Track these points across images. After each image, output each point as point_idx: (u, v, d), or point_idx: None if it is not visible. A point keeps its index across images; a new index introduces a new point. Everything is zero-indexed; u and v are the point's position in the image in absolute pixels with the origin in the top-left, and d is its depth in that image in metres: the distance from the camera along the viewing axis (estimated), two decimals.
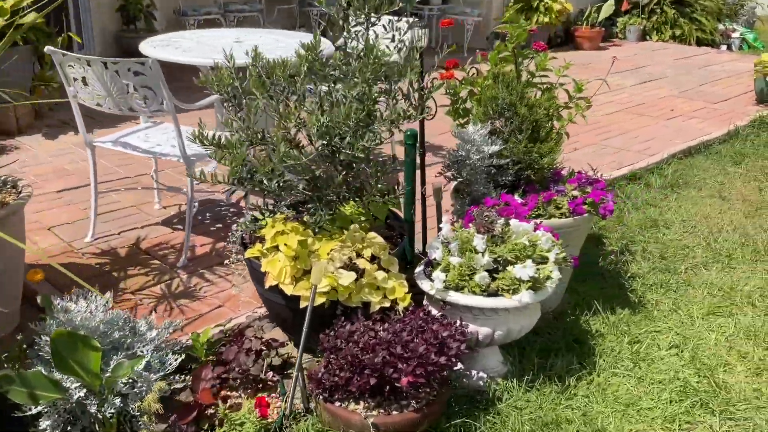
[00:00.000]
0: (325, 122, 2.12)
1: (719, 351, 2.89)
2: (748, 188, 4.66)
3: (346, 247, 2.42)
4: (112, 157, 4.48)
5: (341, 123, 2.14)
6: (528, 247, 2.46)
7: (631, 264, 3.62)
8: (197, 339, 2.51)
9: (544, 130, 2.99)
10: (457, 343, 2.24)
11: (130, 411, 2.14)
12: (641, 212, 4.23)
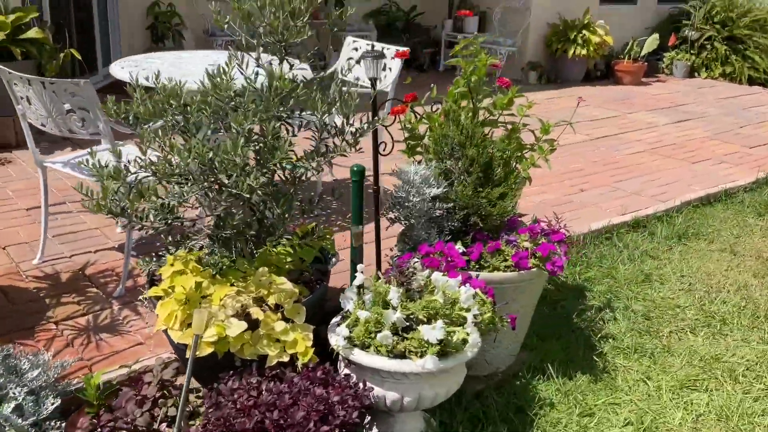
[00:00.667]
0: (199, 158, 1.94)
1: None
2: (766, 243, 4.24)
3: (244, 293, 2.22)
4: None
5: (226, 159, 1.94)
6: (444, 305, 2.20)
7: (609, 322, 3.29)
8: (89, 381, 2.34)
9: (498, 174, 2.73)
10: (346, 411, 2.00)
11: None
12: (636, 264, 3.88)
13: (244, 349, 2.18)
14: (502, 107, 2.92)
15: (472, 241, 2.72)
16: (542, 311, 3.34)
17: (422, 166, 2.67)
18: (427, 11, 10.09)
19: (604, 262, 3.91)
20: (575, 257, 3.89)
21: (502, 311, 2.41)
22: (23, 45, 4.95)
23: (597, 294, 3.56)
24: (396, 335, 2.18)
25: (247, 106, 2.03)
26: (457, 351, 2.18)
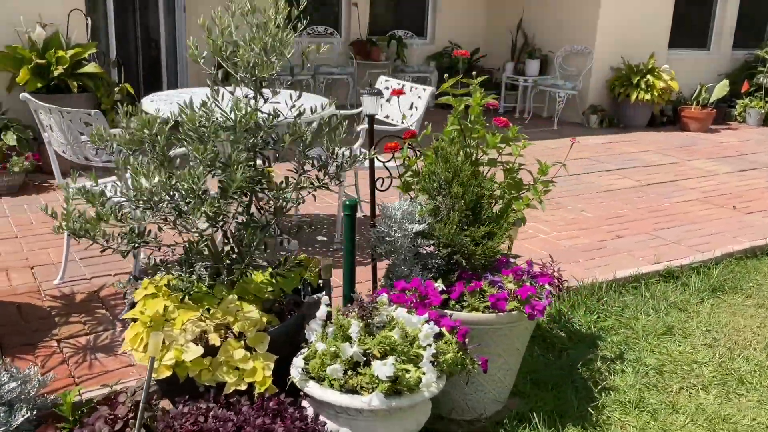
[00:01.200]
0: (161, 184, 2.00)
1: None
2: None
3: (208, 319, 2.26)
4: None
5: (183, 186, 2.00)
6: (403, 342, 2.17)
7: (616, 375, 3.14)
8: (65, 397, 2.42)
9: (487, 213, 2.69)
10: None
11: None
12: (660, 316, 3.70)
13: (202, 374, 2.21)
14: (494, 146, 2.88)
15: (457, 280, 2.67)
16: (546, 359, 3.23)
17: (406, 202, 2.66)
18: (490, 54, 10.13)
19: (625, 311, 3.74)
20: (595, 305, 3.75)
21: (478, 353, 2.35)
22: (81, 79, 5.28)
23: (610, 344, 3.40)
24: (354, 370, 2.16)
25: (209, 136, 2.10)
26: (412, 390, 2.13)
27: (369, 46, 9.07)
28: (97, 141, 2.23)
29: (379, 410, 2.10)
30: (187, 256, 2.42)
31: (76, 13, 5.58)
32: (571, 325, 3.57)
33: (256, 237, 2.24)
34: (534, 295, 2.53)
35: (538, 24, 9.50)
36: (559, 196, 5.68)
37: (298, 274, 2.57)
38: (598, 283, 3.90)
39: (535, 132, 8.29)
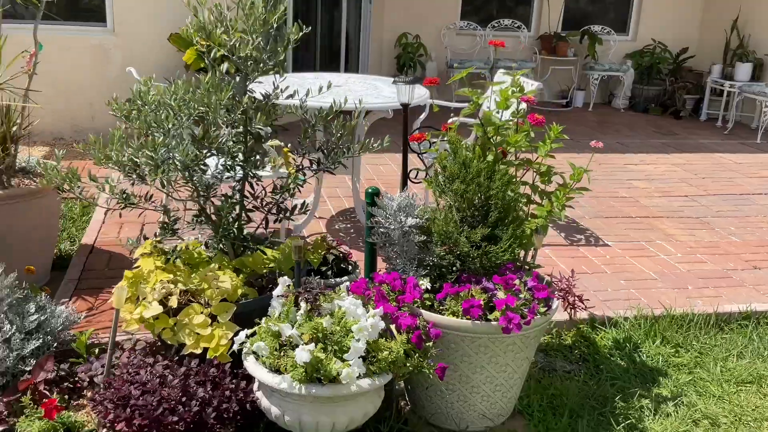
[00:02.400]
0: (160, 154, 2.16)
1: None
2: None
3: (180, 282, 2.39)
4: None
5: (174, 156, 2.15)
6: (338, 331, 2.12)
7: (660, 417, 2.74)
8: (81, 337, 2.72)
9: (493, 215, 2.50)
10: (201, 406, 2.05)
11: None
12: (754, 361, 3.15)
13: (164, 333, 2.36)
14: (515, 144, 2.65)
15: (455, 282, 2.52)
16: (584, 384, 2.92)
17: (403, 195, 2.57)
18: (702, 54, 9.15)
19: (713, 350, 3.24)
20: (678, 338, 3.29)
21: (456, 361, 2.23)
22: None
23: (673, 383, 2.97)
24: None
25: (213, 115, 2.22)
26: (335, 381, 2.08)
27: (555, 41, 8.68)
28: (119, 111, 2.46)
29: (306, 396, 2.08)
30: (193, 223, 2.58)
31: None
32: (639, 354, 3.17)
33: (231, 210, 2.33)
34: (515, 308, 2.30)
35: (755, 24, 8.38)
36: (713, 215, 5.02)
37: (282, 250, 2.61)
38: (691, 314, 3.41)
39: (728, 144, 7.37)
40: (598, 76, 8.81)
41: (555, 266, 3.96)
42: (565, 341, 3.27)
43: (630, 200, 5.29)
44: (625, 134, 7.62)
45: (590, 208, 5.04)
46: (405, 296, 2.37)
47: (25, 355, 2.60)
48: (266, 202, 2.62)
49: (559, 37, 8.70)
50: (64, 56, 5.96)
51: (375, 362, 2.14)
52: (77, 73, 6.11)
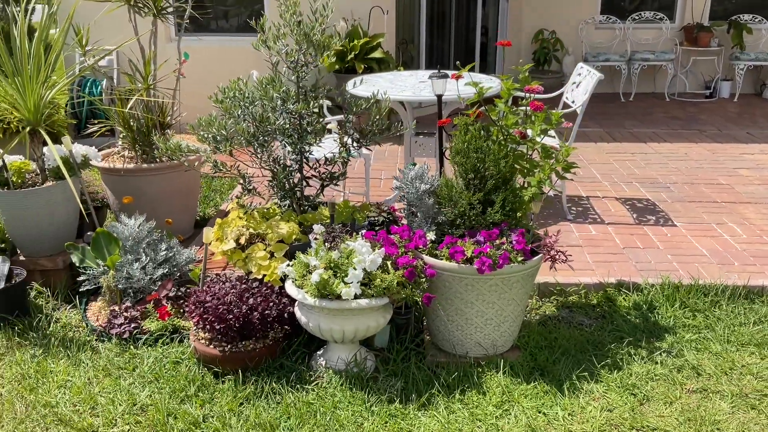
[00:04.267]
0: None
1: None
2: None
3: (251, 228, 3.27)
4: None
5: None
6: (345, 262, 2.86)
7: (648, 362, 3.15)
8: (195, 270, 3.71)
9: (489, 183, 3.09)
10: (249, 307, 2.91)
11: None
12: (764, 328, 3.40)
13: (237, 264, 3.24)
14: (511, 126, 3.18)
15: (460, 237, 3.15)
16: (590, 335, 3.38)
17: (418, 166, 3.23)
18: None
19: (729, 317, 3.52)
20: (692, 302, 3.61)
21: (447, 296, 2.92)
22: (367, 62, 6.63)
23: (676, 339, 3.34)
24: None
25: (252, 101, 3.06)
26: (339, 298, 2.83)
27: (696, 31, 8.60)
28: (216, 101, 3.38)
29: (318, 307, 2.85)
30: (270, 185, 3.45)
31: (376, 9, 6.95)
32: (654, 315, 3.55)
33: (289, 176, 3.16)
34: (490, 254, 2.89)
35: None
36: None
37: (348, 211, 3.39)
38: (719, 285, 3.69)
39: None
40: (744, 66, 8.58)
41: (609, 240, 4.35)
42: (591, 301, 3.72)
43: (725, 186, 5.41)
44: (761, 125, 7.45)
45: (678, 193, 5.26)
46: (411, 243, 3.05)
47: (155, 278, 3.63)
48: (321, 172, 3.42)
49: (701, 28, 8.60)
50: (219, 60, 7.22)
51: (372, 288, 2.86)
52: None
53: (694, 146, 6.62)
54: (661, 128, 7.34)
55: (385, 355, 3.17)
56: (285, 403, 2.85)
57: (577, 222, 4.70)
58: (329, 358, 3.06)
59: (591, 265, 4.01)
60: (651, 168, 5.94)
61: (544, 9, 8.97)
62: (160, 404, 2.85)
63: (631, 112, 8.09)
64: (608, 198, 5.19)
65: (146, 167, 4.21)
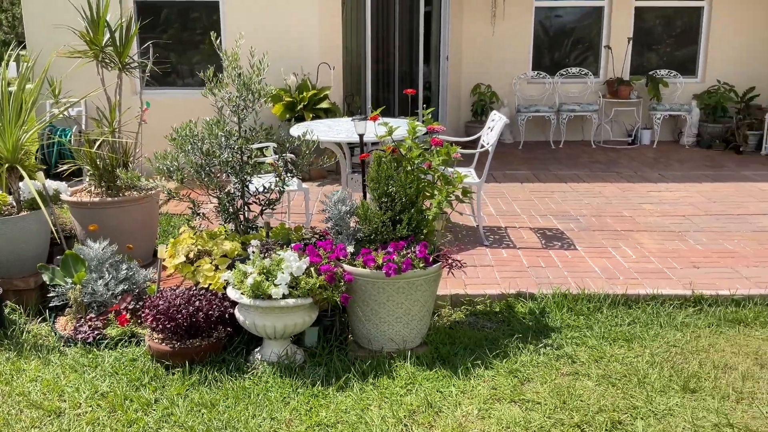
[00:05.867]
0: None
1: None
2: None
3: (198, 245, 3.86)
4: None
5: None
6: (275, 267, 3.46)
7: (524, 353, 3.77)
8: (151, 287, 4.26)
9: (398, 205, 3.74)
10: (195, 308, 3.48)
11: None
12: (634, 329, 4.06)
13: (187, 276, 3.82)
14: (415, 158, 3.85)
15: (375, 249, 3.78)
16: (488, 334, 3.99)
17: (342, 192, 3.88)
18: (764, 93, 9.60)
19: (608, 319, 4.17)
20: (579, 308, 4.25)
21: (363, 298, 3.52)
22: (316, 111, 7.35)
23: (561, 336, 3.97)
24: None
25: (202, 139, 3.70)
26: (270, 298, 3.42)
27: (617, 85, 9.54)
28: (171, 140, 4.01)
29: (252, 306, 3.44)
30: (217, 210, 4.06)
31: (324, 66, 7.71)
32: (545, 318, 4.19)
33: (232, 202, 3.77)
34: (395, 261, 3.51)
35: None
36: (696, 230, 5.77)
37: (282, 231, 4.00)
38: (602, 294, 4.36)
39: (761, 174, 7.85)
40: (661, 115, 9.51)
41: (517, 261, 5.02)
42: (495, 309, 4.35)
43: (627, 218, 6.15)
44: (673, 168, 8.30)
45: (585, 224, 5.99)
46: (333, 255, 3.67)
47: (117, 293, 4.18)
48: (260, 199, 4.05)
49: (621, 82, 9.55)
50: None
51: (299, 289, 3.46)
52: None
53: (609, 185, 7.41)
54: (582, 171, 8.14)
55: (313, 351, 3.74)
56: (225, 387, 3.40)
57: (492, 247, 5.37)
58: (264, 352, 3.63)
59: (498, 281, 4.66)
60: (566, 204, 6.68)
61: (481, 66, 9.86)
62: (119, 390, 3.38)
63: (558, 157, 8.92)
64: (523, 228, 5.89)
65: (110, 200, 4.79)
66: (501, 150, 9.45)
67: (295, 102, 7.37)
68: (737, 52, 9.78)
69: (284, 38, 7.74)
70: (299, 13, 7.68)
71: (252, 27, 7.71)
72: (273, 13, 7.71)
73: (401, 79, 9.41)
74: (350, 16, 8.50)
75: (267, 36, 7.72)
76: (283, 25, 7.72)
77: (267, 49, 7.54)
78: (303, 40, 7.74)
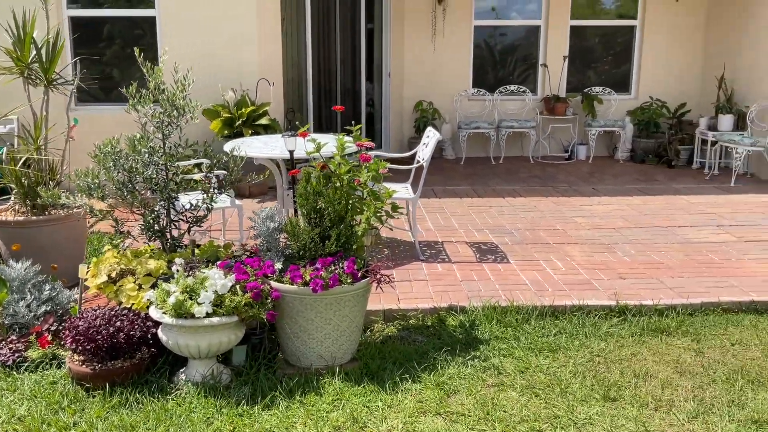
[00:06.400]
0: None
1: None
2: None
3: (121, 264, 3.79)
4: None
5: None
6: (199, 286, 3.42)
7: (452, 366, 3.80)
8: (74, 308, 4.16)
9: (326, 221, 3.74)
10: (115, 328, 3.41)
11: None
12: (558, 339, 4.13)
13: (109, 295, 3.75)
14: (344, 174, 3.88)
15: (304, 266, 3.77)
16: (419, 347, 4.02)
17: (270, 208, 3.87)
18: (698, 108, 9.98)
19: (535, 330, 4.24)
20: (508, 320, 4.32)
21: (292, 316, 3.49)
22: (255, 128, 7.32)
23: (489, 348, 4.02)
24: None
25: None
26: (193, 317, 3.37)
27: (553, 102, 9.76)
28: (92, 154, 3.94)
29: (176, 326, 3.39)
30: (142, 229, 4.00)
31: (263, 82, 7.70)
32: (474, 331, 4.24)
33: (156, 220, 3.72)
34: (322, 277, 3.52)
35: (739, 79, 9.15)
36: (624, 242, 5.93)
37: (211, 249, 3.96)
38: (531, 306, 4.44)
39: (700, 187, 8.13)
40: (596, 131, 9.77)
41: (451, 275, 5.07)
42: (427, 323, 4.39)
43: (560, 231, 6.29)
44: (607, 182, 8.53)
45: (519, 237, 6.09)
46: (260, 272, 3.65)
47: (39, 315, 4.07)
48: (188, 216, 4.00)
49: (557, 99, 9.78)
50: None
51: (223, 307, 3.42)
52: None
53: (544, 200, 7.57)
54: (520, 185, 8.30)
55: (241, 369, 3.70)
56: (146, 409, 3.34)
57: (428, 262, 5.41)
58: (189, 373, 3.57)
59: (431, 295, 4.70)
60: (503, 218, 6.79)
61: (423, 83, 9.98)
62: (36, 414, 3.28)
63: (497, 173, 9.07)
64: (460, 242, 5.96)
65: (35, 219, 4.67)
66: (443, 165, 9.56)
67: (234, 118, 7.33)
68: (669, 69, 10.13)
69: (223, 54, 7.70)
70: (238, 29, 7.66)
71: (189, 42, 7.66)
72: (211, 28, 7.67)
73: (344, 95, 9.45)
74: (290, 32, 8.52)
75: (205, 51, 7.68)
76: (222, 41, 7.69)
77: (205, 64, 7.51)
78: (242, 56, 7.72)
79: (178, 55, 7.65)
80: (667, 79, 10.13)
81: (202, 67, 7.71)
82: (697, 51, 10.11)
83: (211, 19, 7.64)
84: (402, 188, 5.70)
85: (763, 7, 8.69)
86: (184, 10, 7.63)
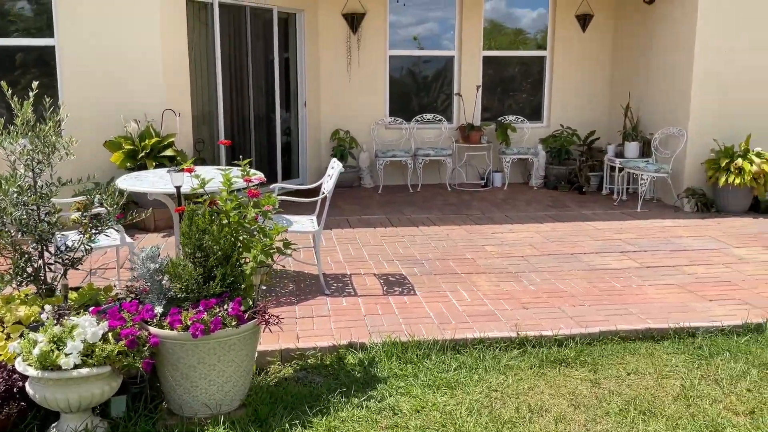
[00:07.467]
0: None
1: None
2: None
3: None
4: None
5: None
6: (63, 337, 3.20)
7: (348, 408, 3.67)
8: None
9: (212, 261, 3.58)
10: None
11: None
12: (458, 374, 4.06)
13: None
14: (230, 210, 3.74)
15: (188, 309, 3.58)
16: (313, 389, 3.87)
17: (151, 248, 3.68)
18: (606, 136, 10.25)
19: (436, 366, 4.16)
20: (409, 356, 4.22)
21: (173, 363, 3.27)
22: (159, 159, 7.07)
23: (387, 387, 3.90)
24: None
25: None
26: (60, 369, 3.14)
27: (468, 130, 9.87)
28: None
29: (42, 378, 3.14)
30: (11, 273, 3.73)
31: (169, 112, 7.48)
32: (374, 369, 4.12)
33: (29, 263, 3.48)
34: (203, 321, 3.34)
35: (645, 107, 9.47)
36: (531, 271, 5.95)
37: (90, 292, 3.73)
38: (432, 340, 4.36)
39: (607, 213, 8.31)
40: (510, 159, 9.91)
41: (356, 310, 4.96)
42: (326, 362, 4.24)
43: (469, 260, 6.27)
44: (519, 209, 8.63)
45: (428, 267, 6.04)
46: (138, 317, 3.45)
47: None
48: (64, 258, 3.77)
49: (472, 127, 9.89)
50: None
51: (94, 357, 3.20)
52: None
53: (457, 228, 7.57)
54: (435, 213, 8.30)
55: (118, 422, 3.47)
56: None
57: (333, 296, 5.29)
58: (61, 428, 3.32)
59: (332, 331, 4.57)
60: (414, 247, 6.74)
61: (340, 111, 9.93)
62: None
63: (414, 201, 9.06)
64: (368, 274, 5.86)
65: None
66: (361, 194, 9.50)
67: (137, 150, 7.08)
68: (579, 98, 10.41)
69: (128, 84, 7.45)
70: (142, 57, 7.43)
71: (91, 71, 7.38)
72: (114, 57, 7.41)
73: (258, 125, 9.29)
74: (199, 60, 8.33)
75: (108, 81, 7.41)
76: (125, 70, 7.44)
77: (108, 94, 7.25)
78: (147, 86, 7.48)
79: (79, 85, 7.36)
80: (577, 108, 10.40)
81: (105, 98, 7.44)
82: (605, 80, 10.43)
83: (113, 48, 7.39)
84: (307, 221, 5.59)
85: (662, 39, 9.04)
86: (85, 39, 7.36)
